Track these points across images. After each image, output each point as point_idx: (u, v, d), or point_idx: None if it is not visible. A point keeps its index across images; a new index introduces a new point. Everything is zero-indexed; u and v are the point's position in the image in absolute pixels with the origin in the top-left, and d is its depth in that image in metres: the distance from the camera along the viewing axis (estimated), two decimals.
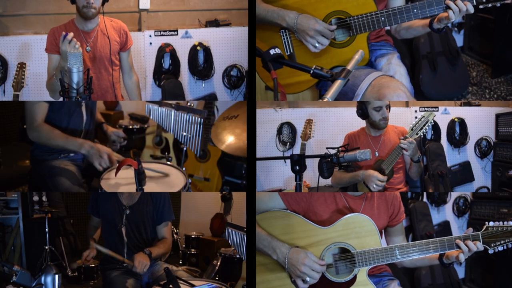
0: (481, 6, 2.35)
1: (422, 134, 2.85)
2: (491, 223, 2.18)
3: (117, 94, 3.06)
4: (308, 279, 2.14)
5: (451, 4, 2.33)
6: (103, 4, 2.88)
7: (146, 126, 4.01)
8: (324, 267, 2.17)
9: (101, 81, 2.97)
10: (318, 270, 2.15)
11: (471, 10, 2.34)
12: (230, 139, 3.07)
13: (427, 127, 2.84)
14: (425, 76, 3.78)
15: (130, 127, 3.97)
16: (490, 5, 2.33)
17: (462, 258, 2.15)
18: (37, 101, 2.76)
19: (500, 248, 2.17)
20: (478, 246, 2.15)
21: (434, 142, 3.83)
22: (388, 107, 3.04)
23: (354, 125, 3.25)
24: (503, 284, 3.55)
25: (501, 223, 2.17)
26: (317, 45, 2.45)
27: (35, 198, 3.65)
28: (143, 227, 2.88)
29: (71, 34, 2.48)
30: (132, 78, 3.19)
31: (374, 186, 2.87)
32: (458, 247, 2.17)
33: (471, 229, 2.21)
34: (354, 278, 2.22)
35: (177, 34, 3.75)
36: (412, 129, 2.86)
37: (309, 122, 3.53)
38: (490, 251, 2.17)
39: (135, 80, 3.21)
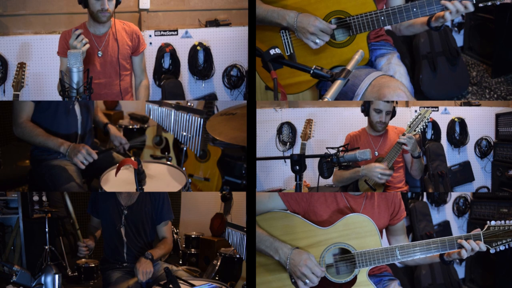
0: (480, 5, 2.35)
1: (420, 130, 2.86)
2: (493, 222, 2.16)
3: (129, 100, 3.05)
4: (307, 281, 2.14)
5: (448, 4, 2.33)
6: (115, 6, 2.87)
7: (146, 126, 4.00)
8: (323, 273, 2.17)
9: (112, 86, 2.96)
10: (318, 274, 2.14)
11: (471, 9, 2.34)
12: (226, 130, 2.99)
13: (424, 124, 2.85)
14: (425, 76, 3.78)
15: (130, 127, 3.97)
16: (490, 3, 2.33)
17: (465, 254, 2.15)
18: (23, 100, 2.78)
19: (502, 248, 2.15)
20: (481, 246, 2.14)
21: (434, 142, 3.84)
22: (390, 112, 3.03)
23: (354, 125, 3.25)
24: (503, 284, 3.55)
25: (502, 222, 2.15)
26: (317, 41, 2.45)
27: (35, 198, 3.64)
28: (142, 227, 2.87)
29: (79, 31, 2.52)
30: (141, 82, 3.15)
31: (379, 176, 2.81)
32: (461, 246, 2.16)
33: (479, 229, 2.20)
34: (355, 278, 2.21)
35: (177, 34, 3.74)
36: (410, 126, 2.88)
37: (309, 122, 3.53)
38: (492, 251, 2.15)
39: (144, 84, 3.16)
